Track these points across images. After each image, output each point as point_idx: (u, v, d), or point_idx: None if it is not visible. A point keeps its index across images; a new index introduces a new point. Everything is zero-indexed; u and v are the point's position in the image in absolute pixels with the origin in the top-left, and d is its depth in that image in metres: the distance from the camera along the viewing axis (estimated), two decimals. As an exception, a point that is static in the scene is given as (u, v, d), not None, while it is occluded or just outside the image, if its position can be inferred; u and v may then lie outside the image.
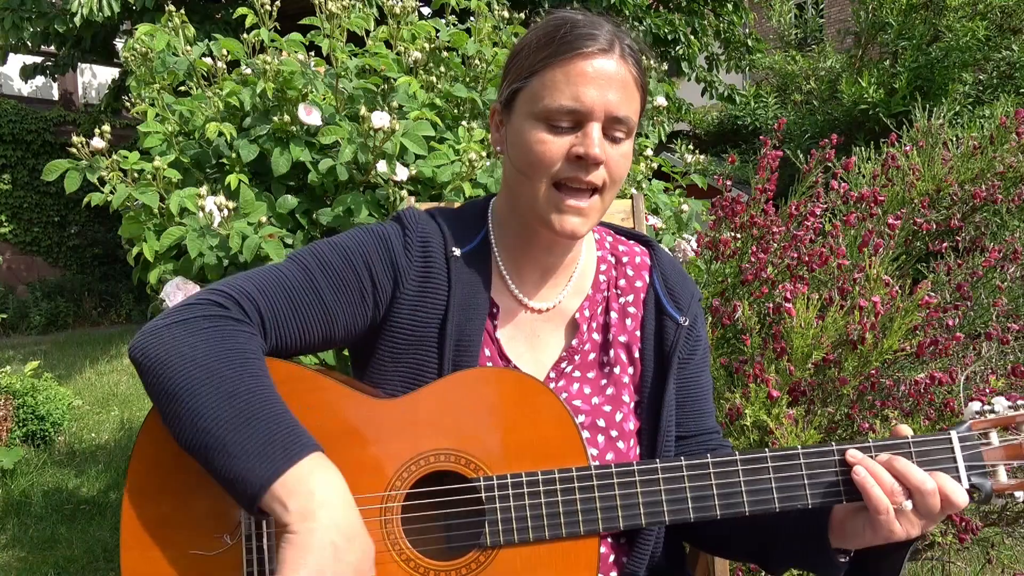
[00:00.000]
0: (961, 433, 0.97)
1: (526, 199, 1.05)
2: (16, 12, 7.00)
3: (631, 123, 1.03)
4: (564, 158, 1.00)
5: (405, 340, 1.06)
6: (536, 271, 1.13)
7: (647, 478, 0.97)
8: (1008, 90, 6.29)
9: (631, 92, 1.02)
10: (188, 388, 0.89)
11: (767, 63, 8.54)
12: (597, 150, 0.99)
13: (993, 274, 2.16)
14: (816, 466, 0.97)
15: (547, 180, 1.02)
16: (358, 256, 1.06)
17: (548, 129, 1.01)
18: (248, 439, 0.86)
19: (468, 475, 0.96)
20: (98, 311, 10.38)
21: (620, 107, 1.00)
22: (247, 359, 0.93)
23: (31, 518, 3.64)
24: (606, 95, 0.99)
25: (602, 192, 1.03)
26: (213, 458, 0.86)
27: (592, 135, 0.99)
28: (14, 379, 4.59)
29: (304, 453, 0.86)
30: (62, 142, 10.41)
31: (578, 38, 1.00)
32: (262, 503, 0.85)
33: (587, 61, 1.00)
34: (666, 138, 2.71)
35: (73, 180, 1.86)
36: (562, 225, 1.02)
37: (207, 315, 0.95)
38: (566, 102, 0.99)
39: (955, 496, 0.91)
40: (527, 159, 1.02)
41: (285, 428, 0.88)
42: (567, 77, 1.00)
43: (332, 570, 0.83)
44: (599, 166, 1.01)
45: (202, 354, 0.91)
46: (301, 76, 1.94)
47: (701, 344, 1.18)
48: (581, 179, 1.01)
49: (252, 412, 0.88)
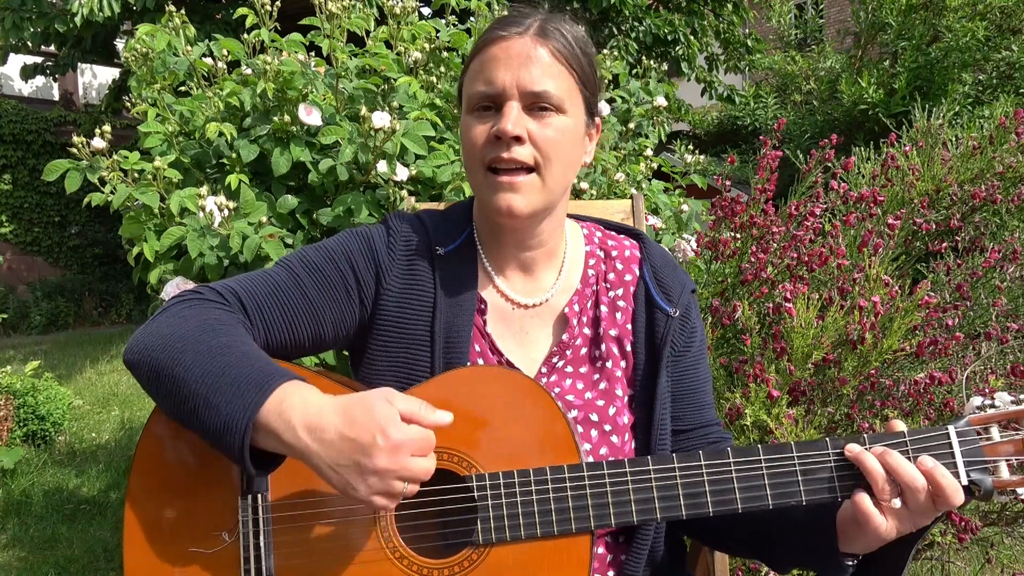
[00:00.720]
0: (959, 428, 0.94)
1: (475, 192, 1.10)
2: (16, 12, 7.00)
3: (554, 97, 1.03)
4: (486, 140, 1.03)
5: (396, 338, 1.08)
6: (516, 266, 1.14)
7: (638, 475, 0.97)
8: (1008, 90, 6.30)
9: (551, 67, 1.03)
10: (168, 362, 0.91)
11: (767, 63, 8.55)
12: (509, 126, 1.00)
13: (993, 274, 2.16)
14: (809, 461, 0.96)
15: (480, 166, 1.04)
16: (341, 255, 1.09)
17: (474, 117, 1.05)
18: (225, 386, 0.87)
19: (461, 473, 0.97)
20: (98, 311, 10.38)
21: (536, 82, 1.02)
22: (220, 325, 0.96)
23: (31, 518, 3.64)
24: (518, 73, 1.01)
25: (540, 170, 1.04)
26: (201, 416, 0.87)
27: (506, 113, 1.01)
28: (14, 379, 4.59)
29: (274, 384, 0.87)
30: (62, 142, 10.43)
31: (497, 28, 1.05)
32: (258, 442, 0.86)
33: (497, 45, 1.03)
34: (666, 138, 2.71)
35: (73, 180, 1.86)
36: (499, 203, 1.03)
37: (185, 301, 1.00)
38: (480, 87, 1.03)
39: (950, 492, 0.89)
40: (464, 149, 1.07)
41: (257, 367, 0.90)
42: (481, 64, 1.05)
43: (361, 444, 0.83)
44: (521, 142, 1.02)
45: (179, 330, 0.94)
46: (301, 76, 1.94)
47: (696, 335, 1.17)
48: (502, 157, 1.02)
49: (226, 361, 0.90)
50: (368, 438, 0.83)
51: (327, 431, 0.84)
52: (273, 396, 0.86)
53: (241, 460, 0.86)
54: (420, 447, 0.86)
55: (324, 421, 0.85)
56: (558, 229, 1.15)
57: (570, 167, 1.08)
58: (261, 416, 0.85)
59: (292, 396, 0.87)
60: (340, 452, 0.84)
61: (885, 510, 0.91)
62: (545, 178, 1.04)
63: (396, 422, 0.85)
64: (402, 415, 0.86)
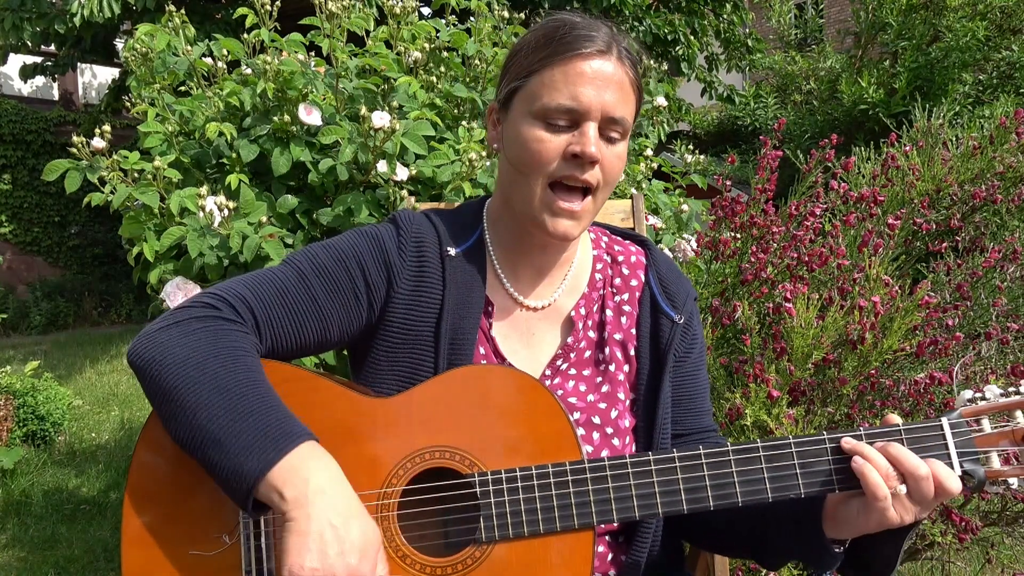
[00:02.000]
0: (952, 420, 0.97)
1: (521, 198, 1.06)
2: (16, 12, 7.00)
3: (627, 124, 1.04)
4: (560, 156, 1.02)
5: (401, 339, 1.07)
6: (531, 270, 1.14)
7: (640, 471, 0.97)
8: (1008, 90, 6.30)
9: (627, 94, 1.04)
10: (182, 386, 0.90)
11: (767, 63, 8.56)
12: (593, 148, 1.00)
13: (993, 274, 2.16)
14: (808, 455, 0.97)
15: (543, 179, 1.03)
16: (351, 257, 1.08)
17: (546, 128, 1.02)
18: (241, 432, 0.87)
19: (463, 471, 0.97)
20: (98, 311, 10.38)
21: (616, 108, 1.01)
22: (238, 355, 0.94)
23: (31, 518, 3.64)
24: (603, 95, 1.00)
25: (595, 193, 1.05)
26: (209, 453, 0.87)
27: (588, 133, 1.00)
28: (14, 379, 4.59)
29: (296, 443, 0.87)
30: (62, 142, 10.43)
31: (576, 39, 1.02)
32: (258, 494, 0.86)
33: (585, 61, 1.01)
34: (666, 138, 2.71)
35: (73, 180, 1.86)
36: (555, 227, 1.04)
37: (199, 316, 0.97)
38: (564, 101, 1.00)
39: (948, 482, 0.91)
40: (524, 157, 1.03)
41: (276, 420, 0.89)
42: (565, 77, 1.01)
43: (335, 550, 0.84)
44: (595, 165, 1.02)
45: (194, 353, 0.93)
46: (301, 76, 1.94)
47: (697, 342, 1.19)
48: (577, 177, 1.02)
49: (245, 406, 0.89)
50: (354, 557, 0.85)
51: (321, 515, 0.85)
52: (288, 458, 0.86)
53: (242, 507, 0.88)
54: None
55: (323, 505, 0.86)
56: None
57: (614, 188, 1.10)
58: (271, 475, 0.85)
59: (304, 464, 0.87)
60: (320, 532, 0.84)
61: (893, 498, 0.92)
62: (597, 201, 1.06)
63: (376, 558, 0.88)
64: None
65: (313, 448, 0.89)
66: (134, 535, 0.95)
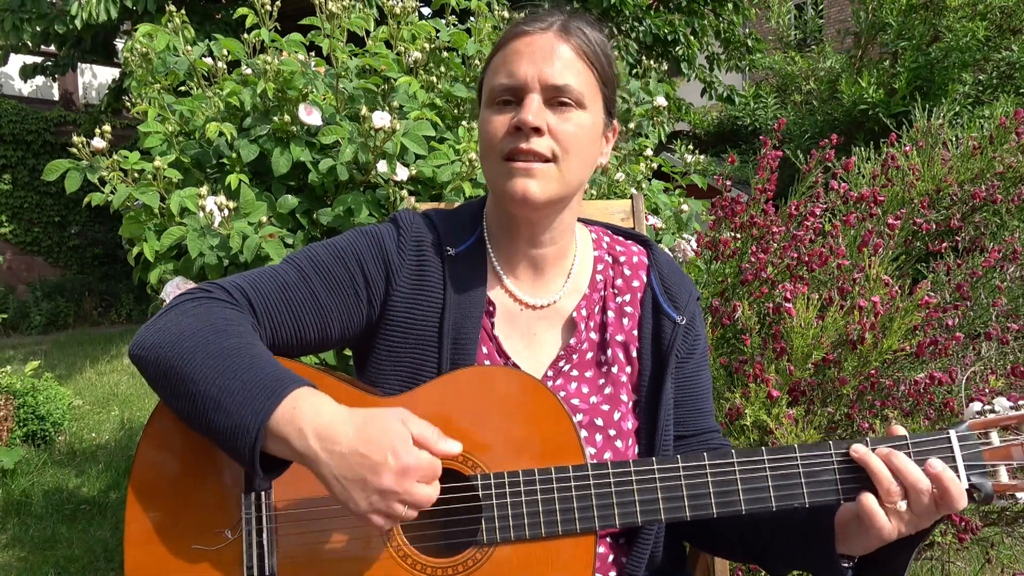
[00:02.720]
0: (960, 432, 0.96)
1: (490, 183, 1.09)
2: (16, 13, 7.00)
3: (575, 92, 1.03)
4: (506, 131, 1.03)
5: (403, 339, 1.07)
6: (527, 265, 1.14)
7: (643, 476, 0.97)
8: (1008, 90, 6.30)
9: (573, 63, 1.04)
10: (177, 361, 0.91)
11: (767, 63, 8.56)
12: (530, 116, 1.00)
13: (993, 274, 2.16)
14: (813, 464, 0.97)
15: (498, 156, 1.04)
16: (351, 255, 1.08)
17: (495, 110, 1.05)
18: (236, 390, 0.87)
19: (466, 473, 0.97)
20: (98, 311, 10.38)
21: (557, 76, 1.02)
22: (231, 326, 0.95)
23: (31, 518, 3.64)
24: (540, 66, 1.02)
25: (557, 162, 1.04)
26: (211, 418, 0.87)
27: (527, 104, 1.02)
28: (14, 379, 4.59)
29: (290, 388, 0.87)
30: (62, 142, 10.43)
31: (520, 24, 1.06)
32: (267, 448, 0.86)
33: (520, 40, 1.05)
34: (666, 138, 2.71)
35: (73, 180, 1.86)
36: (514, 189, 1.02)
37: (194, 299, 1.00)
38: (502, 79, 1.04)
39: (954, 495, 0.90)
40: (481, 142, 1.07)
41: (269, 372, 0.89)
42: (504, 59, 1.05)
43: (371, 472, 0.83)
44: (541, 134, 1.02)
45: (187, 328, 0.94)
46: (301, 76, 1.95)
47: (700, 343, 1.18)
48: (521, 148, 1.02)
49: (237, 364, 0.89)
50: (379, 456, 0.83)
51: (339, 442, 0.84)
52: (285, 402, 0.86)
53: (251, 464, 0.86)
54: (427, 474, 0.86)
55: (336, 432, 0.85)
56: (570, 228, 1.15)
57: (587, 163, 1.08)
58: (273, 422, 0.85)
59: (304, 403, 0.87)
60: (349, 465, 0.84)
61: (888, 511, 0.92)
62: (562, 169, 1.04)
63: (409, 445, 0.85)
64: (415, 439, 0.86)
65: (305, 392, 0.88)
66: (137, 529, 0.95)
